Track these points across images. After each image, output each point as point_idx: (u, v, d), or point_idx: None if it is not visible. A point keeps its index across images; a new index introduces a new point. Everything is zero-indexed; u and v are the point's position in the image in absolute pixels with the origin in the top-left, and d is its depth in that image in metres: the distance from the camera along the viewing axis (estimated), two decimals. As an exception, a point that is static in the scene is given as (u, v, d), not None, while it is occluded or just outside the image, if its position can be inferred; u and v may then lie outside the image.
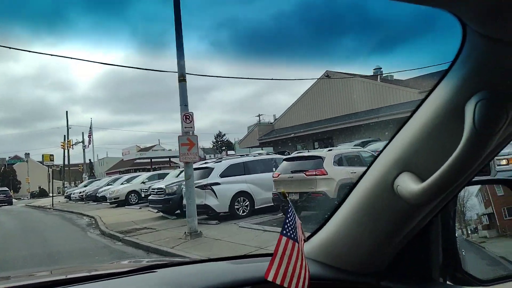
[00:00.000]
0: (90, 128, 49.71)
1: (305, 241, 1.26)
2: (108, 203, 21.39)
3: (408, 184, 1.00)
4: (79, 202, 29.31)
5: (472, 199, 1.29)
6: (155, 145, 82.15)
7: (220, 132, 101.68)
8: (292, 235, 1.12)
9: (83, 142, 49.14)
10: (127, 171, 59.18)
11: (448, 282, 1.24)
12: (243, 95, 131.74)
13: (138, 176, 24.86)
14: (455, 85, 0.88)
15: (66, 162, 54.97)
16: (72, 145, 48.45)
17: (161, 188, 13.81)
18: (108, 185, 28.02)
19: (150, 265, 1.54)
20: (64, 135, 52.82)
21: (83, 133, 50.60)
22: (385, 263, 1.25)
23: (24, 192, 78.91)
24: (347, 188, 1.25)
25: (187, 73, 9.69)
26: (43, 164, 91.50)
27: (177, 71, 9.61)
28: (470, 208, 1.30)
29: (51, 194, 57.64)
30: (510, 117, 0.82)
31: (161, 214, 14.05)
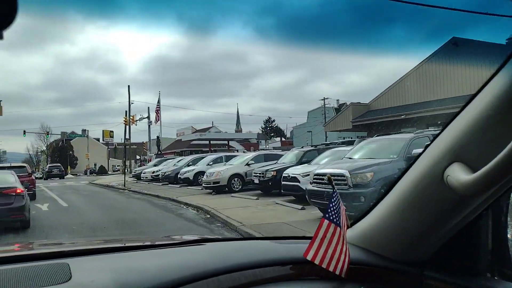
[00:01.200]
0: (158, 102, 45.54)
1: (348, 227, 1.34)
2: (201, 187, 18.71)
3: (459, 175, 1.00)
4: (153, 183, 27.11)
5: None
6: (211, 127, 77.81)
7: (269, 117, 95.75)
8: (335, 220, 1.17)
9: (148, 117, 44.91)
10: (182, 153, 55.85)
11: (495, 278, 1.22)
12: (284, 83, 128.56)
13: (236, 156, 22.49)
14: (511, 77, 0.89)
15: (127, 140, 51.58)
16: (136, 121, 44.46)
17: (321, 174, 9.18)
18: (188, 165, 23.34)
19: (199, 238, 1.68)
20: (126, 110, 48.91)
21: (148, 107, 46.78)
22: (430, 253, 1.28)
23: (80, 169, 77.07)
24: (395, 177, 1.27)
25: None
26: (100, 142, 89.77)
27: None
28: None
29: (110, 172, 54.02)
30: None
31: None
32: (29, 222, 9.69)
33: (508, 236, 1.23)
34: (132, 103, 48.20)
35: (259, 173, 15.22)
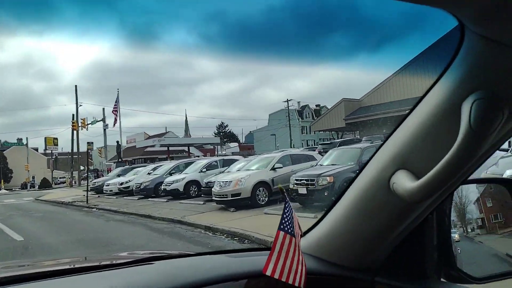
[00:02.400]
0: (116, 102, 38.86)
1: (301, 236, 1.32)
2: (203, 201, 15.43)
3: (404, 182, 1.03)
4: (123, 196, 22.23)
5: (468, 198, 1.30)
6: (166, 132, 72.05)
7: (222, 123, 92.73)
8: (290, 230, 1.15)
9: (103, 120, 38.16)
10: (134, 161, 50.30)
11: (442, 280, 1.27)
12: (231, 89, 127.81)
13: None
14: (452, 84, 0.91)
15: (75, 148, 44.71)
16: (87, 124, 37.96)
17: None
18: (171, 174, 20.95)
19: (147, 257, 1.55)
20: (73, 114, 42.32)
21: (104, 108, 40.01)
22: (380, 260, 1.30)
23: (16, 183, 67.34)
24: (345, 185, 1.30)
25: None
26: (39, 152, 79.95)
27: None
28: (466, 206, 1.31)
29: (54, 185, 46.53)
30: (505, 117, 0.84)
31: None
32: None
33: (453, 237, 1.28)
34: (80, 105, 41.60)
35: (306, 180, 11.19)
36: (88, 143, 31.50)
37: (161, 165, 23.41)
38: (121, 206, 17.07)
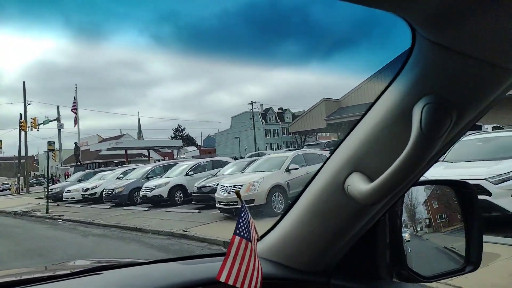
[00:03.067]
0: (74, 99, 34.66)
1: (258, 240, 1.30)
2: (196, 209, 13.67)
3: (358, 184, 1.04)
4: (90, 205, 19.65)
5: (418, 199, 1.34)
6: (123, 135, 68.50)
7: (179, 126, 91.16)
8: (245, 235, 1.13)
9: (58, 119, 34.01)
10: (89, 165, 47.09)
11: (394, 280, 1.29)
12: (185, 92, 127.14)
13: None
14: (404, 89, 0.92)
15: (22, 150, 40.49)
16: (39, 124, 33.90)
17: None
18: (147, 178, 18.81)
19: (94, 267, 1.51)
20: (20, 113, 38.37)
21: (58, 106, 35.66)
22: (335, 262, 1.31)
23: None
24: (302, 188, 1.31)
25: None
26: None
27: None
28: (416, 207, 1.35)
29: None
30: (454, 121, 0.86)
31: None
32: None
33: (404, 236, 1.30)
34: (29, 104, 37.35)
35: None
36: (49, 142, 27.29)
37: (133, 169, 21.05)
38: (93, 217, 14.57)
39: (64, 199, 21.48)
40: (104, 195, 18.61)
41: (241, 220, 1.13)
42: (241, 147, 56.88)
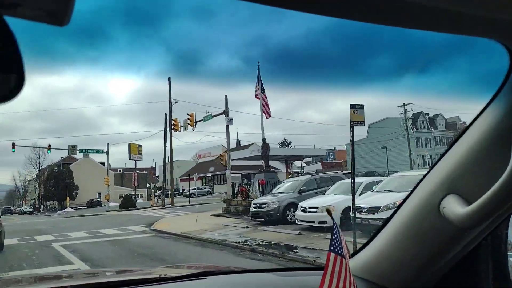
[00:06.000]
0: (258, 83, 23.90)
1: (350, 257, 1.32)
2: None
3: (454, 207, 1.03)
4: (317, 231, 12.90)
5: None
6: (251, 144, 62.77)
7: (285, 139, 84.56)
8: (339, 251, 1.15)
9: (226, 112, 25.59)
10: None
11: None
12: (273, 110, 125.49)
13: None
14: (502, 111, 0.93)
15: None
16: (195, 122, 28.10)
17: None
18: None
19: (199, 272, 1.61)
20: (166, 113, 33.63)
21: (226, 96, 26.39)
22: (431, 284, 1.27)
23: (82, 200, 59.90)
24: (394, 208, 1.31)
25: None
26: (105, 166, 73.51)
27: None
28: None
29: (152, 204, 37.86)
30: None
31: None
32: (3, 245, 12.93)
33: (510, 261, 1.23)
34: (176, 102, 32.82)
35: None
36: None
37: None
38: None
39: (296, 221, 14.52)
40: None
41: (333, 237, 1.14)
42: (389, 158, 47.61)
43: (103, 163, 74.80)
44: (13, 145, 34.01)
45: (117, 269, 4.91)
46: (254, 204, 15.81)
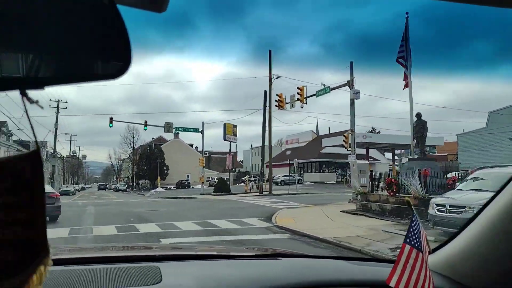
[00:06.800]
0: (403, 41, 18.37)
1: (430, 252, 1.26)
2: None
3: None
4: None
5: None
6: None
7: (373, 128, 78.03)
8: (416, 245, 1.12)
9: (350, 83, 20.78)
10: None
11: None
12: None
13: None
14: None
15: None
16: (307, 97, 24.25)
17: None
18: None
19: (275, 253, 1.68)
20: (265, 90, 30.54)
21: (351, 63, 21.98)
22: None
23: (172, 180, 59.47)
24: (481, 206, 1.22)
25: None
26: (194, 148, 72.66)
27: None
28: None
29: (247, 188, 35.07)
30: None
31: None
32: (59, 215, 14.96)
33: None
34: (278, 77, 29.31)
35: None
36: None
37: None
38: None
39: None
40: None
41: (411, 229, 1.12)
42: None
43: (191, 145, 74.27)
44: (111, 119, 34.42)
45: (201, 246, 5.29)
46: (438, 205, 10.44)
